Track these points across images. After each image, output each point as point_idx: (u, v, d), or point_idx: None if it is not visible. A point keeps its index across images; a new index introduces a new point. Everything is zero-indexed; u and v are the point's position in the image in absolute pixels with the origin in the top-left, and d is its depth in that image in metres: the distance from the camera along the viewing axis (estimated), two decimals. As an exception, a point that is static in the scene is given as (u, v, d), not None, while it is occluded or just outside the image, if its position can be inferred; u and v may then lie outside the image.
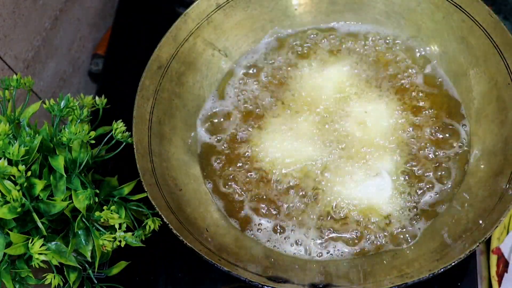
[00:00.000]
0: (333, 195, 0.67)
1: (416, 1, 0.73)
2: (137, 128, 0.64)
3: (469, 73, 0.70)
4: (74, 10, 0.92)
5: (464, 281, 0.70)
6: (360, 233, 0.65)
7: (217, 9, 0.73)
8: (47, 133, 0.60)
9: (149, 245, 0.63)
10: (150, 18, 0.95)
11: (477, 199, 0.63)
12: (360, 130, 0.70)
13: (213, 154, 0.71)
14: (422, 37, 0.75)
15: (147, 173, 0.62)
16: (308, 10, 0.78)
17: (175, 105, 0.71)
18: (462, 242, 0.58)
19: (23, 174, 0.54)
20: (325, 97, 0.73)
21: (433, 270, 0.56)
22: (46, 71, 0.86)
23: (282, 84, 0.75)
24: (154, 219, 0.62)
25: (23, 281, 0.59)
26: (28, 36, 0.80)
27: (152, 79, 0.68)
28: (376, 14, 0.77)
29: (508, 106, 0.65)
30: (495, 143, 0.65)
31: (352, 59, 0.76)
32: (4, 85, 0.62)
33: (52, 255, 0.57)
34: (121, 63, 0.93)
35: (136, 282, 0.73)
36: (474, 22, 0.68)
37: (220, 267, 0.57)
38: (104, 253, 0.61)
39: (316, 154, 0.69)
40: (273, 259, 0.64)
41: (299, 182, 0.68)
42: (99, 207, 0.60)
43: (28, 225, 0.57)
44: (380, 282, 0.58)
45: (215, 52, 0.75)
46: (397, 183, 0.67)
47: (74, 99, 0.62)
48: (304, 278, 0.60)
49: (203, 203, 0.67)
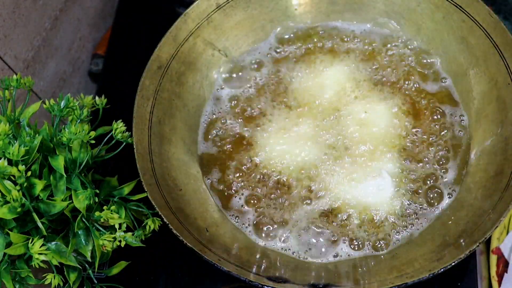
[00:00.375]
0: (333, 195, 0.67)
1: (416, 1, 0.73)
2: (137, 128, 0.64)
3: (469, 73, 0.70)
4: (74, 10, 0.92)
5: (464, 281, 0.70)
6: (360, 233, 0.65)
7: (217, 9, 0.73)
8: (47, 133, 0.60)
9: (149, 245, 0.63)
10: (150, 18, 0.95)
11: (477, 199, 0.63)
12: (360, 130, 0.70)
13: (213, 154, 0.71)
14: (422, 37, 0.75)
15: (147, 173, 0.62)
16: (308, 10, 0.78)
17: (175, 105, 0.71)
18: (462, 242, 0.58)
19: (23, 174, 0.54)
20: (325, 97, 0.73)
21: (433, 270, 0.56)
22: (46, 71, 0.86)
23: (282, 84, 0.75)
24: (154, 219, 0.62)
25: (23, 281, 0.59)
26: (28, 36, 0.80)
27: (152, 79, 0.68)
28: (376, 14, 0.77)
29: (508, 106, 0.65)
30: (495, 143, 0.65)
31: (352, 59, 0.76)
32: (4, 85, 0.62)
33: (52, 255, 0.57)
34: (121, 63, 0.93)
35: (136, 282, 0.73)
36: (474, 22, 0.68)
37: (220, 267, 0.57)
38: (104, 253, 0.61)
39: (316, 154, 0.69)
40: (273, 259, 0.64)
41: (299, 183, 0.68)
42: (99, 207, 0.60)
43: (28, 225, 0.57)
44: (380, 282, 0.58)
45: (215, 52, 0.75)
46: (397, 183, 0.67)
47: (74, 99, 0.62)
48: (304, 278, 0.60)
49: (203, 203, 0.67)
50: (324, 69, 0.75)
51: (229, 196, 0.68)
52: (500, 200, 0.59)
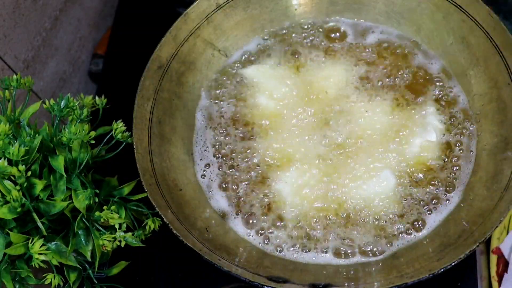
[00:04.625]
0: (334, 195, 0.67)
1: (416, 1, 0.73)
2: (137, 128, 0.64)
3: (469, 73, 0.70)
4: (74, 10, 0.92)
5: (464, 281, 0.70)
6: (360, 233, 0.65)
7: (217, 9, 0.73)
8: (47, 133, 0.60)
9: (149, 245, 0.63)
10: (150, 18, 0.95)
11: (477, 199, 0.63)
12: (361, 130, 0.70)
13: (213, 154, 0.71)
14: (422, 37, 0.75)
15: (147, 173, 0.62)
16: (308, 10, 0.78)
17: (175, 105, 0.71)
18: (462, 242, 0.59)
19: (23, 174, 0.54)
20: (325, 97, 0.73)
21: (433, 270, 0.56)
22: (46, 71, 0.86)
23: (282, 84, 0.75)
24: (154, 219, 0.62)
25: (23, 281, 0.59)
26: (28, 36, 0.81)
27: (152, 79, 0.68)
28: (376, 14, 0.77)
29: (508, 106, 0.65)
30: (495, 143, 0.65)
31: (352, 59, 0.76)
32: (4, 85, 0.62)
33: (52, 255, 0.57)
34: (121, 63, 0.93)
35: (136, 282, 0.73)
36: (474, 22, 0.68)
37: (220, 267, 0.57)
38: (104, 253, 0.61)
39: (316, 154, 0.69)
40: (273, 259, 0.64)
41: (300, 183, 0.68)
42: (99, 207, 0.60)
43: (28, 225, 0.57)
44: (380, 282, 0.58)
45: (215, 52, 0.75)
46: (399, 183, 0.67)
47: (74, 99, 0.62)
48: (304, 278, 0.60)
49: (203, 203, 0.67)
50: (324, 69, 0.75)
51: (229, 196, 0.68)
52: (500, 200, 0.59)
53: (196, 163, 0.70)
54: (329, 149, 0.69)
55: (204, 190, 0.69)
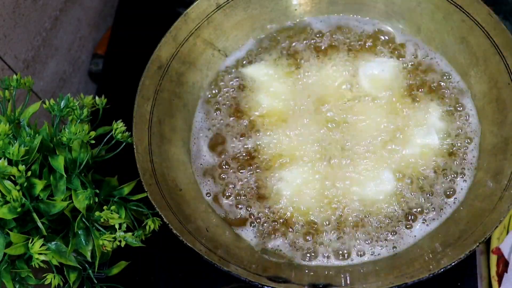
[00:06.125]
0: (333, 196, 0.67)
1: (416, 1, 0.73)
2: (137, 128, 0.64)
3: (469, 73, 0.70)
4: (74, 10, 0.92)
5: (464, 281, 0.70)
6: (360, 233, 0.65)
7: (217, 9, 0.73)
8: (47, 133, 0.60)
9: (149, 245, 0.63)
10: (150, 18, 0.95)
11: (477, 199, 0.63)
12: (361, 130, 0.70)
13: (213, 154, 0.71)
14: (422, 37, 0.75)
15: (147, 173, 0.62)
16: (308, 10, 0.78)
17: (175, 105, 0.71)
18: (462, 242, 0.59)
19: (23, 174, 0.54)
20: (325, 97, 0.73)
21: (433, 270, 0.56)
22: (46, 71, 0.86)
23: (282, 83, 0.75)
24: (154, 219, 0.62)
25: (23, 281, 0.59)
26: (28, 36, 0.81)
27: (152, 79, 0.68)
28: (376, 14, 0.77)
29: (508, 106, 0.65)
30: (495, 143, 0.65)
31: (352, 59, 0.76)
32: (4, 85, 0.62)
33: (52, 255, 0.57)
34: (121, 63, 0.93)
35: (136, 282, 0.73)
36: (474, 22, 0.68)
37: (220, 267, 0.57)
38: (104, 253, 0.61)
39: (316, 154, 0.69)
40: (273, 260, 0.64)
41: (299, 183, 0.68)
42: (99, 207, 0.60)
43: (28, 225, 0.57)
44: (380, 282, 0.58)
45: (215, 52, 0.75)
46: (399, 183, 0.67)
47: (74, 99, 0.62)
48: (304, 278, 0.60)
49: (203, 203, 0.67)
50: (324, 69, 0.75)
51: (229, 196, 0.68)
52: (500, 200, 0.59)
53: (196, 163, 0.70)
54: (329, 149, 0.69)
55: (205, 189, 0.69)
